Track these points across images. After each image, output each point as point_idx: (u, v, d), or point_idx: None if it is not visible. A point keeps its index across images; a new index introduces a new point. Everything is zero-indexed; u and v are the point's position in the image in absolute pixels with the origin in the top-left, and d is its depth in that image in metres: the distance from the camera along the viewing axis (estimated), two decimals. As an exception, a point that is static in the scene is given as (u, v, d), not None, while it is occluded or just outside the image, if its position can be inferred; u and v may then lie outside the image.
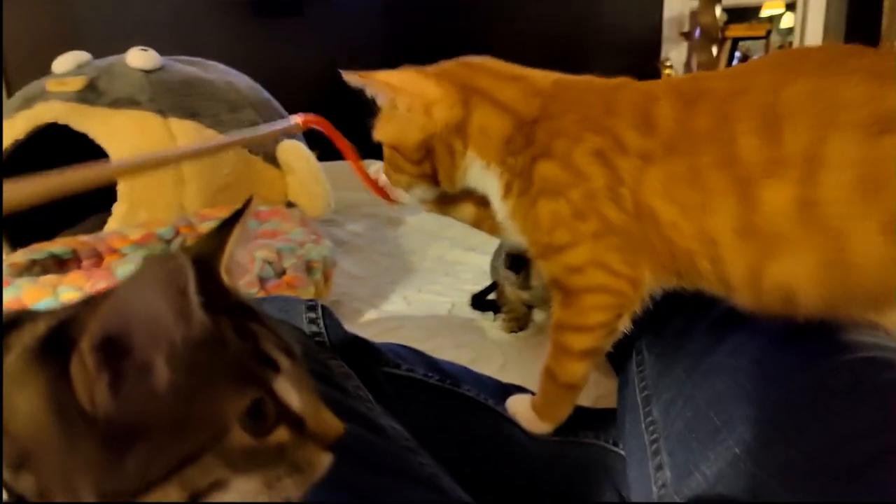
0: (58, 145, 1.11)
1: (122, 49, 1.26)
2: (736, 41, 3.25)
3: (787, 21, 3.10)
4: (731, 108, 0.45)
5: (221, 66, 1.36)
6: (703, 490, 0.41)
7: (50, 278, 0.74)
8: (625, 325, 0.51)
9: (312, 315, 0.55)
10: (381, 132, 0.57)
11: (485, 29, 2.71)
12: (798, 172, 0.41)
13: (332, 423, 0.30)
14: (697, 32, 2.03)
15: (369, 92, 0.55)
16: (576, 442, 0.56)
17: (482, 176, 0.55)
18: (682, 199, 0.45)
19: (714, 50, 1.99)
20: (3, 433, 0.23)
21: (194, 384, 0.26)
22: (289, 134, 1.27)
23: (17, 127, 1.16)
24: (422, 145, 0.54)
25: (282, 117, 1.33)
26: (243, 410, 0.26)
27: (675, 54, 2.99)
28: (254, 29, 2.45)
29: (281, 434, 0.28)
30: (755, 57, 3.65)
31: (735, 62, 3.71)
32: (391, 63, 0.58)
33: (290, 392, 0.28)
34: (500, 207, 0.55)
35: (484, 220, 0.62)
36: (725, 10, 3.08)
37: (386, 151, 0.58)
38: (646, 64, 3.27)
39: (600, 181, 0.48)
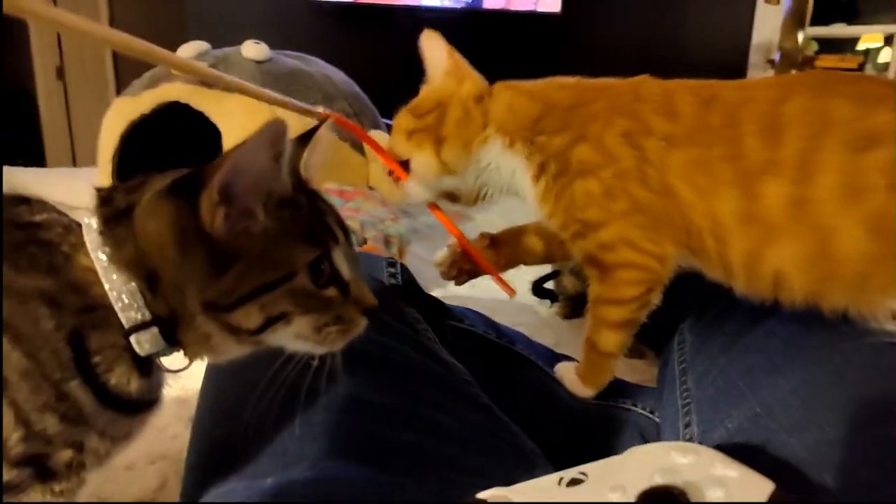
0: (179, 121, 1.26)
1: (228, 42, 1.41)
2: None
3: (885, 56, 2.99)
4: (738, 111, 0.51)
5: (321, 62, 1.49)
6: (723, 441, 0.46)
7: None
8: (657, 299, 0.55)
9: (392, 270, 0.63)
10: (414, 99, 0.60)
11: (571, 43, 2.75)
12: (793, 173, 0.48)
13: (368, 296, 0.39)
14: (777, 57, 2.00)
15: (427, 54, 0.60)
16: (614, 406, 0.62)
17: (502, 155, 0.58)
18: (697, 182, 0.51)
19: (793, 73, 1.96)
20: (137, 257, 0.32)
21: (279, 230, 0.34)
22: (373, 125, 1.38)
23: (144, 103, 1.32)
24: (434, 101, 0.58)
25: (371, 111, 1.44)
26: (308, 261, 0.35)
27: (760, 81, 2.93)
28: (348, 32, 2.61)
29: (331, 291, 0.36)
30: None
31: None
32: (478, 66, 0.64)
33: (342, 261, 0.37)
34: (530, 189, 0.58)
35: (552, 247, 0.65)
36: (817, 39, 3.00)
37: (395, 123, 0.60)
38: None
39: (630, 161, 0.53)
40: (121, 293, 0.33)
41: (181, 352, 0.36)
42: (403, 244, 0.99)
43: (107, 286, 0.32)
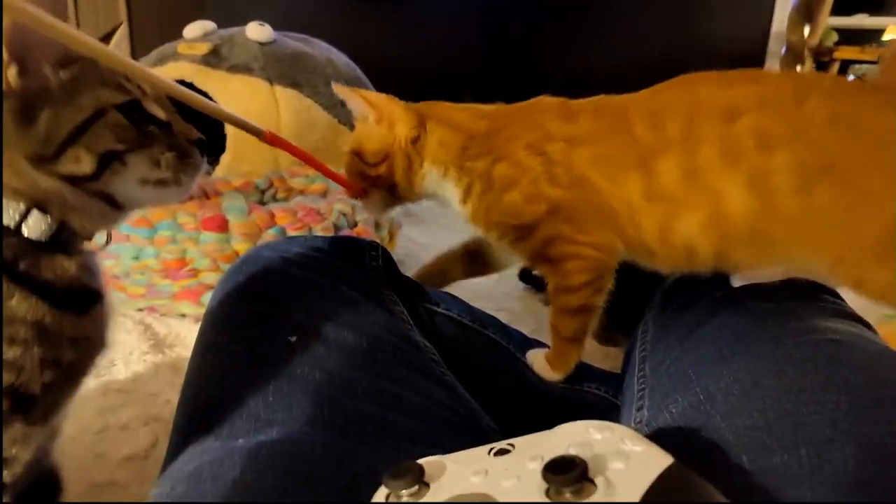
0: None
1: (238, 20, 1.44)
2: (846, 63, 3.11)
3: (911, 47, 2.94)
4: (624, 111, 0.60)
5: (324, 44, 1.51)
6: (667, 424, 0.49)
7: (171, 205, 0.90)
8: (609, 283, 0.61)
9: (374, 254, 0.66)
10: (349, 141, 0.68)
11: (585, 31, 2.74)
12: (679, 148, 0.56)
13: (193, 130, 0.44)
14: (783, 50, 1.99)
15: (350, 105, 0.67)
16: (580, 390, 0.65)
17: (440, 183, 0.66)
18: (606, 172, 0.58)
19: (798, 69, 1.95)
20: None
21: (78, 78, 0.38)
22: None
23: (151, 81, 1.35)
24: (380, 152, 0.66)
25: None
26: (116, 103, 0.39)
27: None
28: (357, 13, 2.61)
29: (153, 129, 0.41)
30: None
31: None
32: (487, 58, 0.68)
33: (156, 108, 0.42)
34: (462, 211, 0.65)
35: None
36: (837, 30, 2.96)
37: (347, 158, 0.68)
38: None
39: (538, 167, 0.60)
40: None
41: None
42: (394, 227, 1.03)
43: None
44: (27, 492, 0.42)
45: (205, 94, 1.27)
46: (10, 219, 0.37)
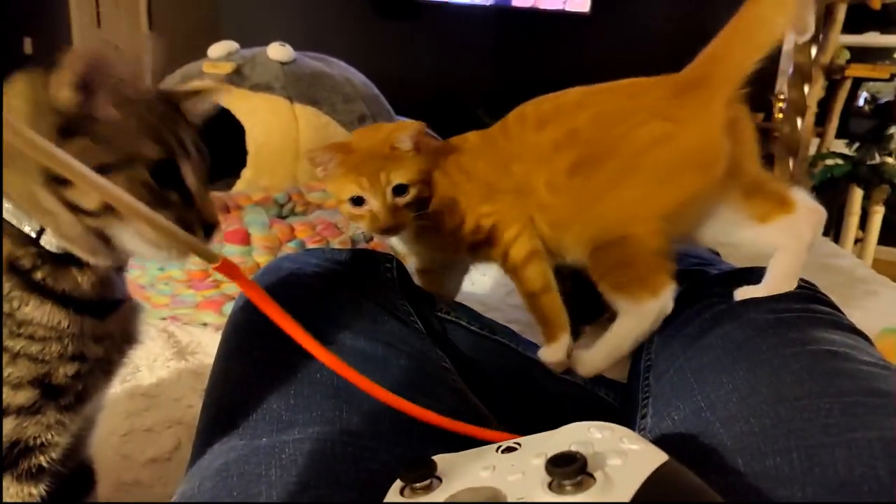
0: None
1: (259, 39, 1.49)
2: (858, 81, 3.10)
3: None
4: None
5: (342, 64, 1.56)
6: (668, 430, 0.51)
7: (194, 218, 0.94)
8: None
9: (388, 265, 0.69)
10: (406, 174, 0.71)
11: (595, 38, 2.76)
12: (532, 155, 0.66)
13: (213, 212, 0.43)
14: (790, 69, 2.01)
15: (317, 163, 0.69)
16: (590, 391, 0.67)
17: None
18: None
19: (806, 88, 1.96)
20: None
21: (126, 121, 0.38)
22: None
23: (175, 99, 1.41)
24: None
25: (387, 112, 1.51)
26: (152, 159, 0.39)
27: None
28: (373, 28, 2.67)
29: (173, 195, 0.41)
30: (882, 101, 3.45)
31: (862, 104, 3.53)
32: (501, 69, 0.72)
33: (189, 175, 0.41)
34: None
35: None
36: (849, 48, 2.96)
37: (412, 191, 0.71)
38: (759, 95, 3.21)
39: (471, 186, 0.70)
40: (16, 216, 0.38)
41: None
42: (409, 241, 1.05)
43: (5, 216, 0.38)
44: (67, 481, 0.44)
45: (227, 113, 1.31)
46: (32, 228, 0.39)
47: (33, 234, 0.39)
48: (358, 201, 0.68)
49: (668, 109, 0.63)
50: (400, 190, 0.69)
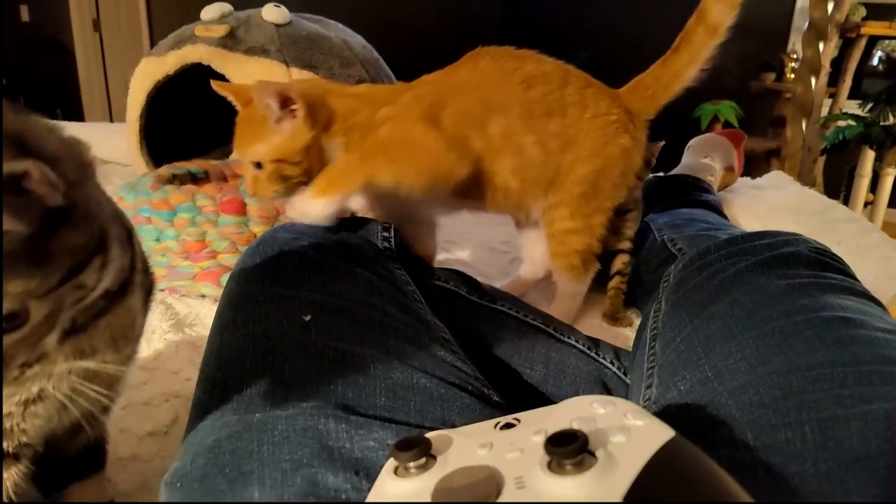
0: (202, 82, 1.30)
1: (253, 1, 1.44)
2: (873, 39, 3.01)
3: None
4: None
5: (340, 25, 1.51)
6: (675, 401, 0.50)
7: (190, 188, 0.92)
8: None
9: (386, 234, 0.67)
10: (262, 150, 0.67)
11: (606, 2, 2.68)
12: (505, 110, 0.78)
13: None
14: (805, 26, 1.94)
15: (258, 101, 0.66)
16: (593, 359, 0.66)
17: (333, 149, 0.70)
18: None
19: (821, 46, 1.89)
20: None
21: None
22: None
23: (168, 63, 1.37)
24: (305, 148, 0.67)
25: (387, 76, 1.47)
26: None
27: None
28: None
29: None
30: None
31: (876, 63, 3.44)
32: (505, 28, 0.71)
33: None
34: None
35: None
36: (865, 5, 2.86)
37: (268, 167, 0.67)
38: (772, 54, 3.12)
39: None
40: None
41: None
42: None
43: None
44: (74, 459, 0.44)
45: (222, 78, 1.27)
46: None
47: None
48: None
49: (629, 125, 0.80)
50: (258, 165, 0.67)
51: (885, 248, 1.09)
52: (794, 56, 3.02)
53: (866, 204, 2.68)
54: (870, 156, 2.57)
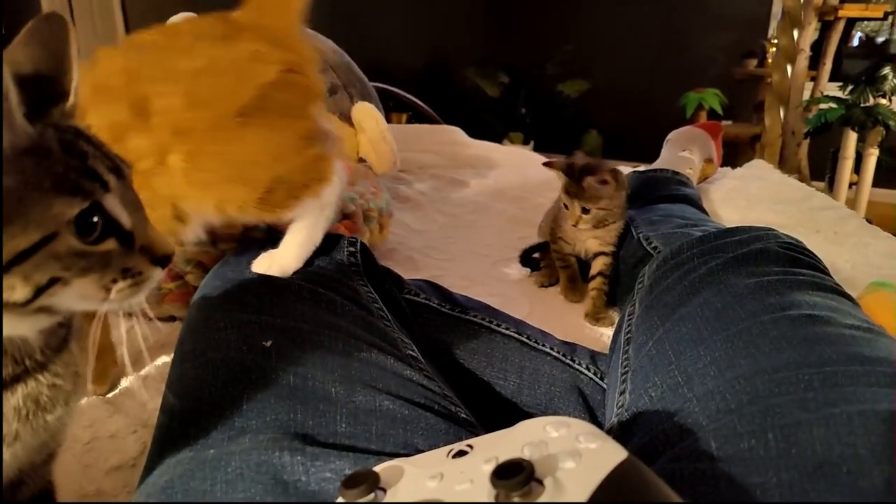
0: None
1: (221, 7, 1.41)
2: (851, 21, 3.02)
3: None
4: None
5: (311, 31, 1.49)
6: (646, 408, 0.49)
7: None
8: None
9: (352, 249, 0.66)
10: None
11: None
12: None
13: (160, 243, 0.36)
14: (779, 14, 1.94)
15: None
16: (568, 365, 0.65)
17: None
18: None
19: (795, 34, 1.89)
20: None
21: (22, 186, 0.29)
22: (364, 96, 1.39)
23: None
24: None
25: (359, 80, 1.45)
26: (71, 218, 0.30)
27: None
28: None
29: (109, 244, 0.33)
30: (879, 41, 3.37)
31: (856, 44, 3.44)
32: (490, 32, 0.66)
33: (120, 209, 0.33)
34: None
35: None
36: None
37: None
38: (754, 40, 3.12)
39: None
40: None
41: None
42: (384, 218, 1.02)
43: None
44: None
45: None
46: None
47: None
48: None
49: None
50: None
51: (864, 234, 1.09)
52: (775, 42, 3.02)
53: (851, 185, 2.69)
54: (852, 137, 2.57)
